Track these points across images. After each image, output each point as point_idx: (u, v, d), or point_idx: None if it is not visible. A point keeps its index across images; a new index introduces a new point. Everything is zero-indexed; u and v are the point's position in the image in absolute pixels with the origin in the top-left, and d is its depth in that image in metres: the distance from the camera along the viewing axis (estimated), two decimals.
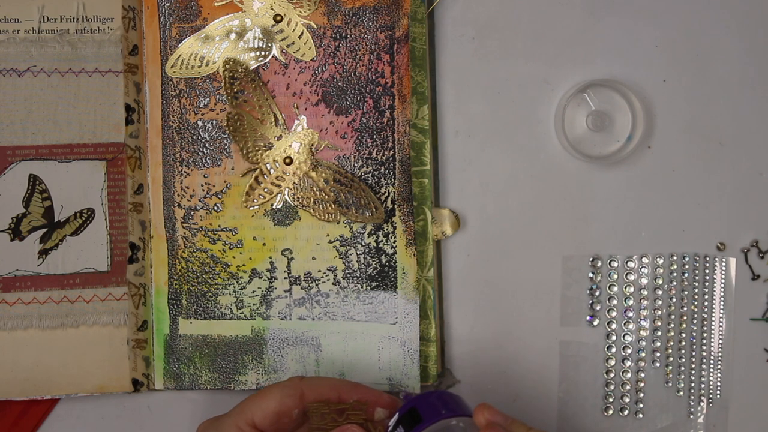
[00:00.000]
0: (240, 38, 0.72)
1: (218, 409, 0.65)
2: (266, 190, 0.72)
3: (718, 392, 0.73)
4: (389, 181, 0.72)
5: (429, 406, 0.60)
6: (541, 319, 0.74)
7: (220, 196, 0.73)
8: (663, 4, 0.73)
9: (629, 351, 0.73)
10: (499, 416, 0.59)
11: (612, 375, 0.74)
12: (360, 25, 0.71)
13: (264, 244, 0.73)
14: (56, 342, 0.72)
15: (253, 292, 0.73)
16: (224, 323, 0.73)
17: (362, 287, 0.72)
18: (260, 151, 0.72)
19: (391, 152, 0.72)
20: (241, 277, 0.73)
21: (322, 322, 0.72)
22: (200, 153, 0.73)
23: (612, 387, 0.74)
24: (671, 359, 0.73)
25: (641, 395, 0.74)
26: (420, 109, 0.71)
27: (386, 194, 0.72)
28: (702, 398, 0.73)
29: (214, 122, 0.73)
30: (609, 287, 0.74)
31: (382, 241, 0.72)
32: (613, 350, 0.74)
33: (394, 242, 0.72)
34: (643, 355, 0.73)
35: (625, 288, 0.74)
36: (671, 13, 0.73)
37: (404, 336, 0.72)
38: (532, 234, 0.74)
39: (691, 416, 0.73)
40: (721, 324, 0.73)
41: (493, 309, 0.74)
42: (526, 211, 0.74)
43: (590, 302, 0.74)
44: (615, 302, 0.73)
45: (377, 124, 0.72)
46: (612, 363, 0.74)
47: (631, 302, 0.73)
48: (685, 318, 0.73)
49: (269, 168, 0.72)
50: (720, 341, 0.73)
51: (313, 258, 0.72)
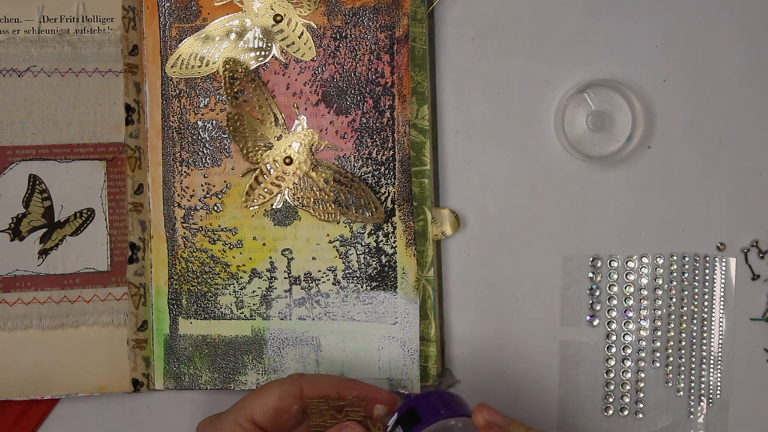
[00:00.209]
0: (240, 38, 0.72)
1: (218, 409, 0.65)
2: (266, 190, 0.72)
3: (718, 392, 0.73)
4: (389, 181, 0.72)
5: (428, 407, 0.59)
6: (541, 319, 0.74)
7: (220, 196, 0.73)
8: (663, 4, 0.73)
9: (629, 351, 0.73)
10: (498, 416, 0.59)
11: (612, 375, 0.74)
12: (360, 25, 0.71)
13: (264, 244, 0.73)
14: (56, 342, 0.72)
15: (253, 292, 0.73)
16: (224, 323, 0.73)
17: (362, 287, 0.72)
18: (260, 151, 0.72)
19: (391, 152, 0.72)
20: (241, 277, 0.73)
21: (322, 322, 0.72)
22: (200, 153, 0.73)
23: (612, 387, 0.74)
24: (671, 359, 0.73)
25: (641, 395, 0.74)
26: (420, 109, 0.71)
27: (386, 194, 0.72)
28: (702, 398, 0.73)
29: (214, 122, 0.72)
30: (609, 287, 0.74)
31: (382, 241, 0.72)
32: (613, 350, 0.74)
33: (394, 242, 0.72)
34: (643, 355, 0.73)
35: (625, 288, 0.74)
36: (671, 13, 0.73)
37: (404, 336, 0.72)
38: (532, 234, 0.74)
39: (691, 416, 0.73)
40: (721, 324, 0.73)
41: (493, 309, 0.74)
42: (526, 211, 0.74)
43: (590, 302, 0.74)
44: (615, 302, 0.73)
45: (377, 124, 0.72)
46: (612, 363, 0.74)
47: (631, 302, 0.73)
48: (685, 318, 0.73)
49: (269, 168, 0.72)
50: (720, 341, 0.73)
51: (313, 258, 0.72)
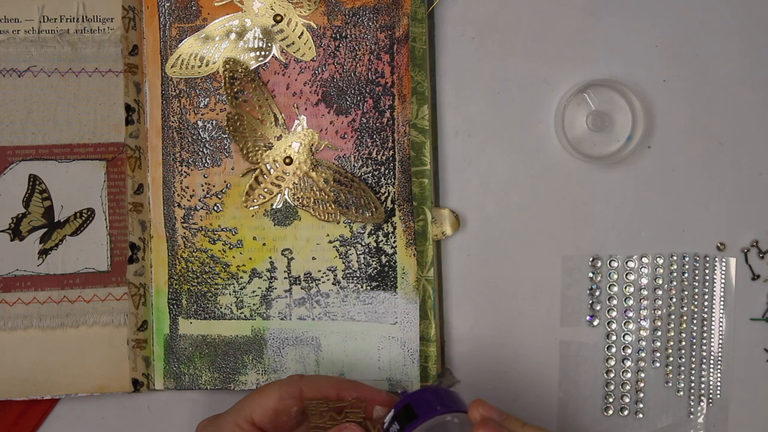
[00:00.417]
0: (240, 38, 0.72)
1: (218, 409, 0.65)
2: (266, 190, 0.72)
3: (718, 392, 0.73)
4: (389, 181, 0.72)
5: (424, 403, 0.59)
6: (541, 319, 0.74)
7: (220, 196, 0.73)
8: (663, 4, 0.73)
9: (629, 351, 0.73)
10: (494, 412, 0.59)
11: (612, 375, 0.74)
12: (360, 25, 0.71)
13: (264, 244, 0.73)
14: (56, 342, 0.72)
15: (253, 292, 0.73)
16: (224, 323, 0.73)
17: (362, 287, 0.72)
18: (260, 151, 0.72)
19: (391, 152, 0.72)
20: (241, 277, 0.73)
21: (322, 322, 0.72)
22: (200, 153, 0.73)
23: (612, 387, 0.74)
24: (671, 359, 0.73)
25: (641, 395, 0.74)
26: (420, 109, 0.71)
27: (386, 194, 0.72)
28: (702, 398, 0.73)
29: (214, 122, 0.72)
30: (609, 287, 0.74)
31: (382, 241, 0.72)
32: (613, 350, 0.74)
33: (394, 242, 0.72)
34: (643, 355, 0.73)
35: (625, 288, 0.74)
36: (671, 13, 0.73)
37: (404, 336, 0.72)
38: (532, 234, 0.74)
39: (691, 416, 0.73)
40: (721, 324, 0.73)
41: (493, 309, 0.74)
42: (526, 211, 0.74)
43: (590, 302, 0.74)
44: (615, 302, 0.73)
45: (377, 124, 0.72)
46: (612, 363, 0.74)
47: (631, 302, 0.73)
48: (685, 318, 0.73)
49: (269, 168, 0.72)
50: (720, 341, 0.73)
51: (313, 258, 0.72)
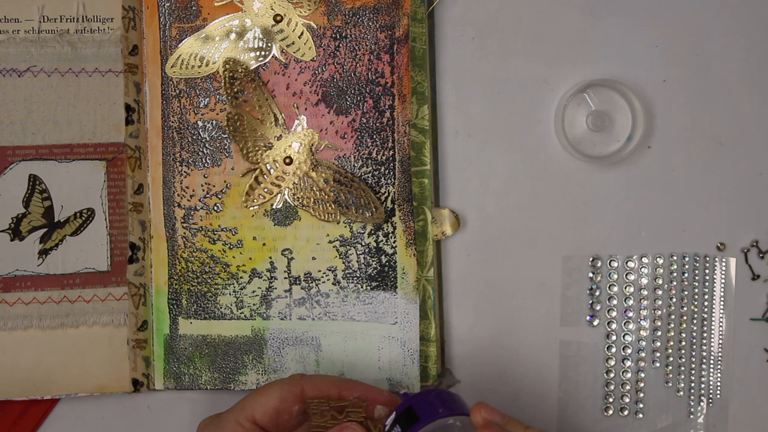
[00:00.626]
0: (240, 38, 0.72)
1: (218, 409, 0.65)
2: (266, 190, 0.72)
3: (718, 392, 0.73)
4: (389, 181, 0.72)
5: (426, 405, 0.59)
6: (541, 319, 0.74)
7: (220, 196, 0.73)
8: (663, 4, 0.73)
9: (629, 351, 0.73)
10: (497, 415, 0.59)
11: (612, 375, 0.74)
12: (360, 25, 0.71)
13: (264, 244, 0.73)
14: (56, 342, 0.72)
15: (253, 292, 0.73)
16: (224, 323, 0.73)
17: (362, 287, 0.72)
18: (260, 151, 0.72)
19: (391, 152, 0.72)
20: (241, 277, 0.73)
21: (322, 322, 0.72)
22: (200, 153, 0.73)
23: (612, 387, 0.74)
24: (671, 359, 0.73)
25: (641, 395, 0.74)
26: (420, 109, 0.71)
27: (386, 194, 0.72)
28: (702, 398, 0.73)
29: (214, 122, 0.72)
30: (609, 287, 0.74)
31: (382, 241, 0.72)
32: (613, 350, 0.73)
33: (394, 242, 0.72)
34: (643, 355, 0.73)
35: (625, 288, 0.74)
36: (671, 13, 0.73)
37: (404, 336, 0.72)
38: (532, 234, 0.74)
39: (691, 416, 0.73)
40: (721, 324, 0.73)
41: (493, 309, 0.74)
42: (526, 211, 0.74)
43: (590, 302, 0.74)
44: (615, 302, 0.73)
45: (377, 124, 0.72)
46: (612, 363, 0.74)
47: (631, 302, 0.73)
48: (685, 318, 0.73)
49: (269, 168, 0.72)
50: (720, 341, 0.73)
51: (313, 258, 0.72)
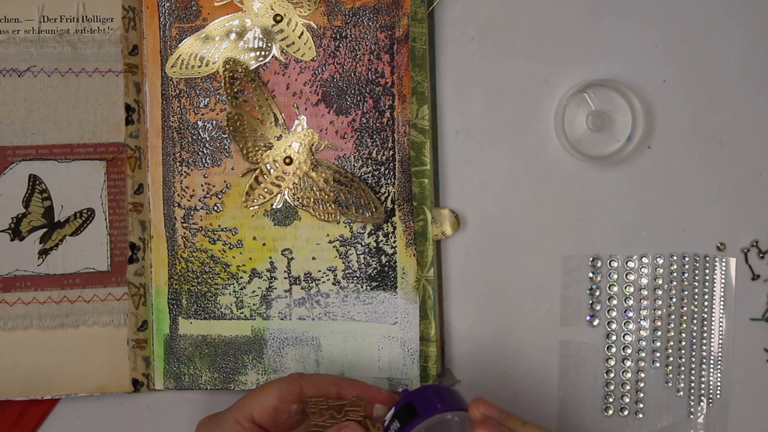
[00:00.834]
0: (240, 38, 0.72)
1: (218, 409, 0.65)
2: (266, 190, 0.72)
3: (718, 392, 0.73)
4: (389, 181, 0.72)
5: (424, 401, 0.59)
6: (541, 319, 0.74)
7: (220, 196, 0.73)
8: (663, 4, 0.73)
9: (629, 351, 0.73)
10: (495, 410, 0.59)
11: (612, 375, 0.74)
12: (360, 25, 0.71)
13: (264, 244, 0.73)
14: (56, 342, 0.72)
15: (253, 292, 0.73)
16: (224, 323, 0.73)
17: (362, 287, 0.72)
18: (260, 151, 0.72)
19: (391, 152, 0.72)
20: (241, 277, 0.73)
21: (322, 322, 0.72)
22: (200, 153, 0.73)
23: (612, 387, 0.74)
24: (671, 359, 0.73)
25: (641, 395, 0.74)
26: (420, 109, 0.71)
27: (386, 194, 0.72)
28: (702, 398, 0.73)
29: (214, 122, 0.73)
30: (609, 287, 0.74)
31: (382, 241, 0.72)
32: (613, 350, 0.73)
33: (394, 242, 0.72)
34: (643, 355, 0.73)
35: (625, 288, 0.74)
36: (671, 13, 0.73)
37: (404, 336, 0.72)
38: (532, 234, 0.74)
39: (691, 416, 0.73)
40: (721, 324, 0.73)
41: (493, 309, 0.74)
42: (526, 211, 0.74)
43: (590, 302, 0.74)
44: (615, 302, 0.73)
45: (377, 124, 0.72)
46: (612, 363, 0.74)
47: (631, 302, 0.73)
48: (685, 318, 0.73)
49: (269, 168, 0.72)
50: (720, 341, 0.73)
51: (313, 258, 0.72)
